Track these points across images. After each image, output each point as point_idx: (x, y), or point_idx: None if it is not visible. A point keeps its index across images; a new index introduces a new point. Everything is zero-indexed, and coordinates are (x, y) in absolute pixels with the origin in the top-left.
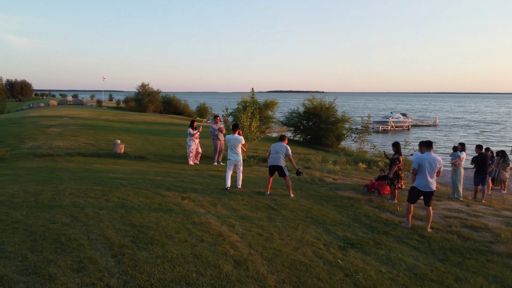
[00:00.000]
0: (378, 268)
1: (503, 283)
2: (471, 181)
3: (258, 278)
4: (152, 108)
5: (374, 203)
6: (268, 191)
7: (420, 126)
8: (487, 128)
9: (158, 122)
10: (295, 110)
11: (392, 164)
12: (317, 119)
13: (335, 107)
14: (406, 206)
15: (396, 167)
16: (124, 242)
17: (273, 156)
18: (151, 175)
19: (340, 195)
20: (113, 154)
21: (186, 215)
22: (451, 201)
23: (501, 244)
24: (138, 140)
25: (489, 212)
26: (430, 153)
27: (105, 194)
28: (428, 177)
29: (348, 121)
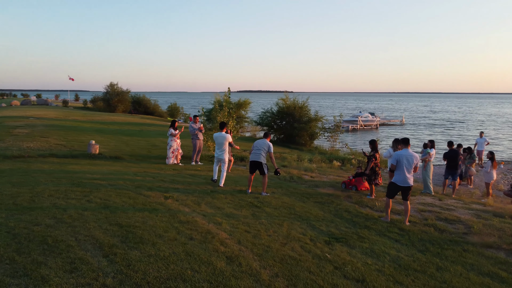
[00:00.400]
0: (364, 260)
1: (480, 270)
2: (440, 176)
3: (252, 273)
4: (122, 108)
5: (353, 199)
6: (250, 190)
7: (388, 125)
8: (451, 127)
9: (129, 122)
10: (268, 110)
11: (369, 161)
12: (290, 119)
13: (308, 106)
14: (385, 201)
15: (373, 164)
16: (113, 242)
17: (254, 152)
18: (130, 175)
19: (320, 192)
20: (87, 155)
21: (172, 214)
22: (424, 196)
23: (474, 235)
24: (111, 140)
25: (460, 205)
26: (407, 150)
27: (86, 195)
28: (406, 173)
29: (320, 120)
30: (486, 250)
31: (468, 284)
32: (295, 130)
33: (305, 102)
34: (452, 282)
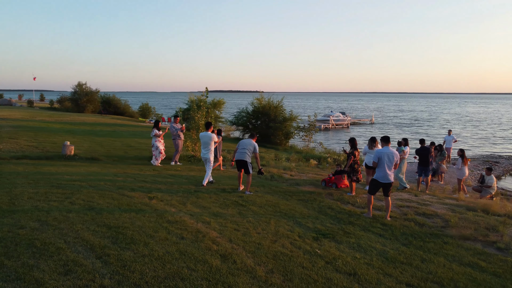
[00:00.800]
0: (353, 254)
1: (461, 261)
2: (413, 173)
3: (247, 270)
4: (91, 109)
5: (334, 196)
6: (241, 187)
7: (358, 124)
8: (419, 125)
9: (100, 122)
10: (244, 110)
11: (348, 159)
12: (266, 118)
13: (282, 106)
14: (367, 197)
15: (351, 161)
16: (104, 243)
17: (239, 151)
18: (110, 176)
19: (301, 190)
20: (62, 156)
21: (159, 214)
22: (401, 192)
23: (452, 228)
24: (84, 141)
25: (434, 201)
26: (388, 147)
27: (68, 197)
28: (387, 170)
29: (295, 120)
30: (464, 242)
31: (452, 274)
32: (270, 129)
33: (280, 102)
34: (437, 273)
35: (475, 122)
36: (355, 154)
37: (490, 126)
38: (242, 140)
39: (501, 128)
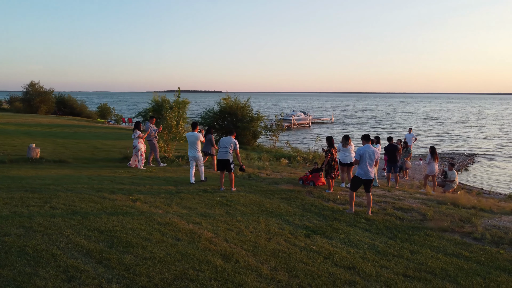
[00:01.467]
0: (346, 249)
1: (446, 251)
2: (380, 170)
3: (252, 268)
4: (45, 109)
5: (314, 194)
6: (222, 187)
7: (319, 123)
8: (377, 124)
9: (57, 124)
10: (210, 110)
11: (325, 156)
12: (233, 118)
13: (249, 106)
14: (349, 194)
15: (329, 158)
16: (101, 248)
17: (222, 150)
18: (85, 179)
19: (281, 189)
20: (28, 159)
21: (147, 216)
22: (374, 188)
23: (430, 221)
24: (46, 143)
25: (407, 196)
26: (369, 145)
27: (47, 201)
28: (368, 167)
29: (262, 120)
30: (443, 233)
31: (441, 264)
32: (238, 129)
33: (246, 102)
34: (428, 263)
35: (429, 120)
36: (332, 152)
37: (444, 125)
38: (222, 139)
39: (454, 126)
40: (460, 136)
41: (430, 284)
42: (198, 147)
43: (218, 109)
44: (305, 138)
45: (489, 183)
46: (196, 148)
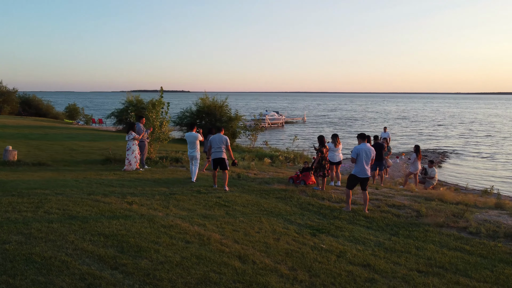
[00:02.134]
0: (355, 247)
1: (449, 246)
2: None
3: (271, 269)
4: (8, 110)
5: (308, 193)
6: (215, 184)
7: (292, 123)
8: (350, 123)
9: (24, 125)
10: (188, 110)
11: (316, 155)
12: (211, 118)
13: (228, 106)
14: (345, 192)
15: (319, 157)
16: (112, 253)
17: (216, 150)
18: (72, 182)
19: (274, 188)
20: (5, 163)
21: (149, 219)
22: None
23: (426, 217)
24: (19, 145)
25: (394, 193)
26: (365, 144)
27: (39, 206)
28: (365, 165)
29: (240, 119)
30: (440, 229)
31: (448, 259)
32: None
33: (224, 101)
34: (436, 258)
35: (400, 119)
36: (323, 151)
37: (414, 124)
38: (213, 137)
39: (423, 124)
40: (430, 134)
41: (445, 279)
42: (197, 146)
43: (196, 109)
44: (281, 137)
45: (461, 179)
46: (195, 148)
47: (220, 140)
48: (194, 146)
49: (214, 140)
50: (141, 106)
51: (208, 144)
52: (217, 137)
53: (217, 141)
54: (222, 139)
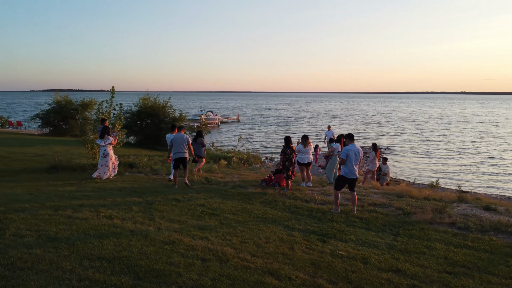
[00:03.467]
0: (372, 251)
1: (452, 243)
2: (316, 168)
3: (310, 283)
4: None
5: (288, 195)
6: (176, 185)
7: (227, 123)
8: (286, 123)
9: None
10: (128, 110)
11: (280, 156)
12: (154, 119)
13: (172, 106)
14: (334, 193)
15: (282, 159)
16: (130, 282)
17: (178, 150)
18: (26, 196)
19: (252, 192)
20: None
21: (143, 235)
22: (329, 186)
23: (413, 215)
24: None
25: (364, 191)
26: (354, 144)
27: (3, 228)
28: (354, 166)
29: (185, 120)
30: (432, 226)
31: (462, 257)
32: (161, 131)
33: (167, 101)
34: (451, 257)
35: (332, 118)
36: (287, 152)
37: (346, 122)
38: (174, 137)
39: (356, 123)
40: (364, 132)
41: (477, 279)
42: (186, 150)
43: (136, 109)
44: (219, 138)
45: (403, 173)
46: (184, 151)
47: (182, 139)
48: (183, 148)
49: (176, 139)
50: (71, 107)
51: (169, 143)
52: (179, 136)
53: (180, 140)
54: (184, 138)
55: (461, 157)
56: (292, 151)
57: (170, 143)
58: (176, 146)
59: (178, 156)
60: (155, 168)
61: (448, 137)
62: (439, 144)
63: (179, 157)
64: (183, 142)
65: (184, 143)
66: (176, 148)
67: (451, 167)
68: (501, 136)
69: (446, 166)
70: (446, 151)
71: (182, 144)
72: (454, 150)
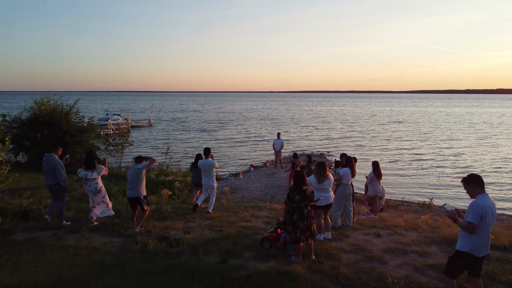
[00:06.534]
0: None
1: None
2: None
3: None
4: None
5: (316, 269)
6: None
7: (137, 127)
8: (215, 128)
9: None
10: (16, 119)
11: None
12: (55, 130)
13: (79, 111)
14: (447, 284)
15: (288, 210)
16: None
17: (129, 186)
18: None
19: (260, 273)
20: None
21: None
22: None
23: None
24: None
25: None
26: (487, 196)
27: None
28: (488, 235)
29: (96, 130)
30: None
31: None
32: (66, 145)
33: (73, 106)
34: None
35: (261, 120)
36: (295, 199)
37: (288, 125)
38: (130, 169)
39: (288, 125)
40: (298, 135)
41: None
42: (214, 175)
43: (28, 117)
44: (136, 148)
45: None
46: (212, 176)
47: (135, 172)
48: (210, 174)
49: (130, 172)
50: None
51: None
52: (132, 169)
53: (134, 173)
54: (139, 169)
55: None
56: (305, 197)
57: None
58: (129, 183)
59: (128, 195)
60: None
61: (379, 137)
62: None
63: (128, 196)
64: (138, 174)
65: (140, 175)
66: (128, 184)
67: (411, 178)
68: (420, 133)
69: (406, 177)
70: (382, 150)
71: (136, 178)
72: (394, 153)
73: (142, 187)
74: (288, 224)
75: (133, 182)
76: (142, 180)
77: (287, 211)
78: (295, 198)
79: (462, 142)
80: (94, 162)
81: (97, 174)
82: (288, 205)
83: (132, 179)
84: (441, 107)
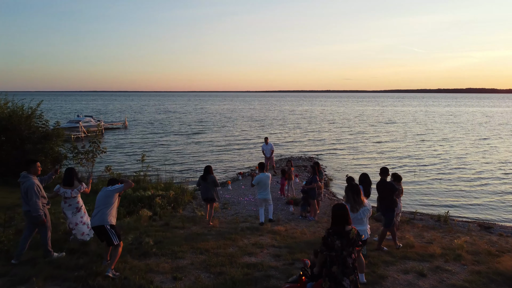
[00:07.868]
0: None
1: None
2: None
3: None
4: None
5: None
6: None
7: (111, 129)
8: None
9: None
10: None
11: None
12: (14, 137)
13: (42, 115)
14: None
15: (323, 258)
16: None
17: (95, 212)
18: None
19: None
20: None
21: None
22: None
23: None
24: None
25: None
26: None
27: None
28: None
29: (63, 136)
30: None
31: None
32: (28, 154)
33: (36, 108)
34: None
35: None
36: (335, 245)
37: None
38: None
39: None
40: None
41: None
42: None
43: None
44: (112, 154)
45: None
46: (268, 189)
47: (105, 196)
48: (267, 188)
49: (99, 197)
50: None
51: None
52: (103, 193)
53: (103, 197)
54: (110, 193)
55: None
56: (349, 241)
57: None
58: (95, 208)
59: (94, 225)
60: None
61: (370, 138)
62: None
63: (94, 225)
64: (110, 198)
65: (111, 198)
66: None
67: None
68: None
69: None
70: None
71: (104, 203)
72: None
73: (110, 214)
74: (325, 279)
75: (100, 206)
76: (111, 205)
77: (322, 261)
78: (335, 244)
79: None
80: (73, 179)
81: (77, 192)
82: (325, 253)
83: (100, 203)
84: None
